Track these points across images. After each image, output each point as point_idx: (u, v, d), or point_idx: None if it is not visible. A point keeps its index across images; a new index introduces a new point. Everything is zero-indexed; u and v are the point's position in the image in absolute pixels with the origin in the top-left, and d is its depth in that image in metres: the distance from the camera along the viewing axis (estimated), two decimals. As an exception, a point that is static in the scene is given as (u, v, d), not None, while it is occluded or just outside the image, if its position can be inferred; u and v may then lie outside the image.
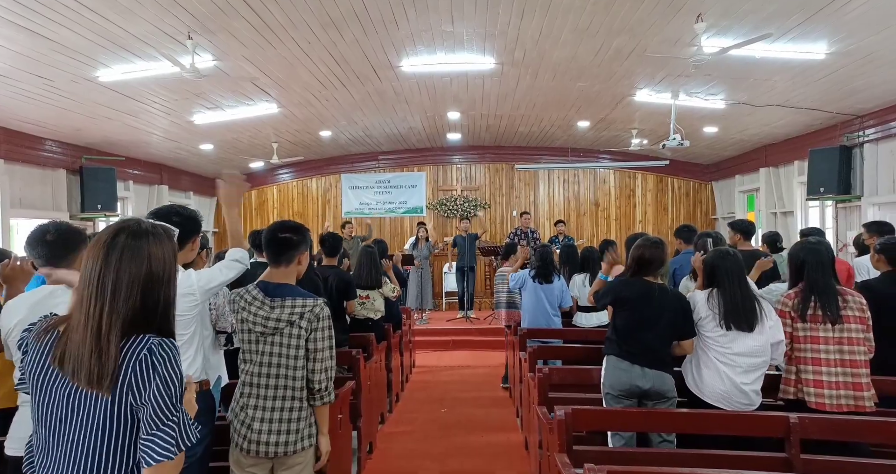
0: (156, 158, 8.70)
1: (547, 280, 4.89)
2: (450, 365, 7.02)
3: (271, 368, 2.13)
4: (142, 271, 1.27)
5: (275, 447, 2.10)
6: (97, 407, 1.25)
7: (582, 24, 4.61)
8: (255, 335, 2.16)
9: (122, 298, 1.25)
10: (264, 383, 2.14)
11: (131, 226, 1.31)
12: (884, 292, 3.02)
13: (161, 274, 1.30)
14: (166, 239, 1.35)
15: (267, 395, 2.13)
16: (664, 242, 2.97)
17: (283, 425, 2.11)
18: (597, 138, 9.35)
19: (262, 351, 2.14)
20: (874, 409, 2.61)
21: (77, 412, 1.26)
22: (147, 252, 1.29)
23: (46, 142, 6.73)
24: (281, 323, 2.12)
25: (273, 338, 2.14)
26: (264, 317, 2.14)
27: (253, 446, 2.12)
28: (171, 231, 1.39)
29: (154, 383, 1.23)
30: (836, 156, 6.51)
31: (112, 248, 1.27)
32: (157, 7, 3.90)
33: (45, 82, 5.01)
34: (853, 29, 4.28)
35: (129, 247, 1.27)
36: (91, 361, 1.22)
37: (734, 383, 2.67)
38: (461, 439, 4.41)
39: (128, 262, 1.26)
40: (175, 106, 6.23)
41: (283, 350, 2.13)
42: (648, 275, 2.89)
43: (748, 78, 5.64)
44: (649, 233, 8.42)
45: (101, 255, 1.27)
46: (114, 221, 1.42)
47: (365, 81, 6.21)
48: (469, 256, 8.34)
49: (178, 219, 2.11)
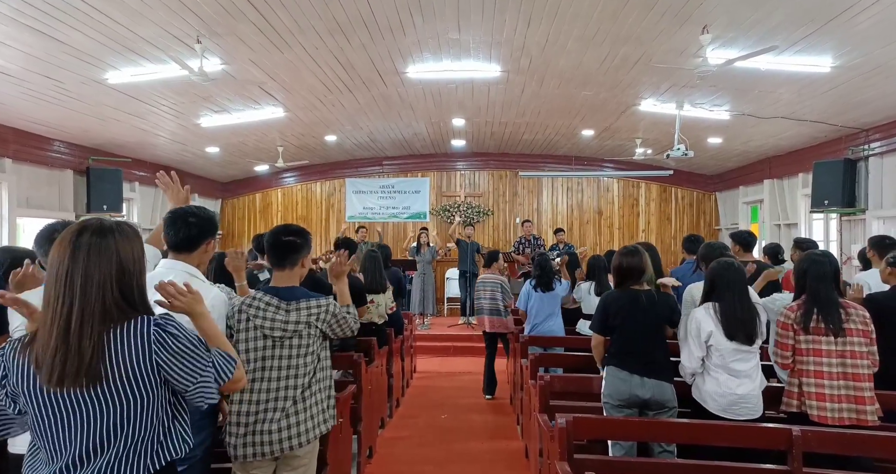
0: (162, 160, 8.75)
1: (548, 287, 4.90)
2: (451, 371, 7.00)
3: (289, 370, 2.16)
4: (112, 267, 1.30)
5: (288, 441, 2.13)
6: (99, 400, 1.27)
7: (588, 32, 4.64)
8: (271, 340, 2.17)
9: (94, 293, 1.27)
10: (275, 387, 2.16)
11: (94, 225, 1.34)
12: (888, 306, 3.01)
13: (132, 268, 1.34)
14: (133, 235, 1.38)
15: (278, 397, 2.15)
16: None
17: (291, 419, 2.14)
18: (601, 147, 9.37)
19: (277, 355, 2.17)
20: (877, 423, 2.60)
21: (81, 410, 1.27)
22: (115, 248, 1.32)
23: (54, 143, 6.78)
24: (300, 325, 2.17)
25: (291, 341, 2.17)
26: (283, 321, 2.17)
27: (259, 448, 2.12)
28: (135, 228, 1.43)
29: (179, 347, 1.34)
30: (840, 169, 6.50)
31: (78, 247, 1.29)
32: (167, 10, 3.94)
33: (54, 83, 5.06)
34: (860, 41, 4.29)
35: (95, 244, 1.30)
36: (55, 359, 1.24)
37: (736, 392, 2.67)
38: (461, 445, 4.39)
39: (96, 259, 1.29)
40: (182, 108, 6.28)
41: (301, 351, 2.18)
42: (634, 284, 2.90)
43: (753, 90, 5.65)
44: (653, 242, 8.43)
45: (68, 254, 1.29)
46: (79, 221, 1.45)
47: (371, 87, 6.25)
48: (471, 262, 8.37)
49: (195, 220, 2.11)
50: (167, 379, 1.35)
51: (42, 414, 1.29)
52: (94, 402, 1.28)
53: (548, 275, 4.91)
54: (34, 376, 1.28)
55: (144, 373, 1.31)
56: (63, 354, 1.24)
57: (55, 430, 1.28)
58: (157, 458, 1.34)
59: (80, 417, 1.27)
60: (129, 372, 1.29)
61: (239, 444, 2.14)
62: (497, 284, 5.69)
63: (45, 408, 1.28)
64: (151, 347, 1.31)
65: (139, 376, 1.31)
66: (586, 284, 4.98)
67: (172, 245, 2.11)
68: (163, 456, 1.36)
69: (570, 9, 4.21)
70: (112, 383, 1.28)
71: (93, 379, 1.26)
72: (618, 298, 2.94)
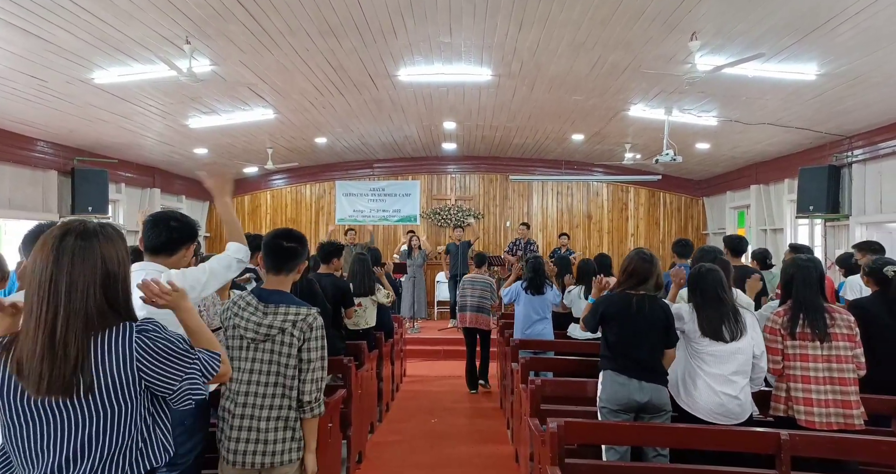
0: (149, 161, 8.64)
1: (538, 291, 4.91)
2: (440, 375, 6.98)
3: (261, 376, 2.09)
4: (97, 271, 1.27)
5: (262, 457, 2.04)
6: (83, 409, 1.24)
7: (579, 38, 4.67)
8: (246, 341, 2.12)
9: (78, 299, 1.24)
10: (252, 391, 2.08)
11: (77, 228, 1.31)
12: (872, 311, 3.06)
13: (117, 272, 1.32)
14: (117, 238, 1.36)
15: (255, 404, 2.07)
16: (656, 260, 2.98)
17: (269, 435, 2.05)
18: (591, 151, 9.43)
19: (252, 358, 2.10)
20: (864, 427, 2.63)
21: (59, 419, 1.24)
22: (99, 252, 1.29)
23: (38, 143, 6.67)
24: (273, 329, 2.09)
25: (264, 345, 2.10)
26: (257, 323, 2.10)
27: (239, 457, 2.07)
28: (120, 230, 1.40)
29: (162, 349, 1.31)
30: (825, 175, 6.61)
31: (62, 251, 1.26)
32: (156, 11, 3.89)
33: (38, 83, 4.97)
34: (843, 51, 4.37)
35: (79, 248, 1.27)
36: (42, 367, 1.21)
37: (721, 395, 2.69)
38: (451, 450, 4.37)
39: (80, 263, 1.26)
40: (170, 109, 6.21)
41: (274, 357, 2.09)
42: (639, 289, 2.91)
43: (740, 96, 5.73)
44: (642, 246, 8.48)
45: (51, 259, 1.26)
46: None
47: (362, 89, 6.23)
48: (462, 264, 8.34)
49: (176, 224, 2.10)
50: (149, 385, 1.32)
51: (16, 421, 1.25)
52: (72, 411, 1.24)
53: (540, 277, 4.92)
54: (13, 383, 1.24)
55: (126, 382, 1.28)
56: (50, 362, 1.21)
57: (29, 439, 1.24)
58: (136, 467, 1.31)
59: (57, 427, 1.24)
60: (110, 380, 1.26)
61: (227, 449, 2.09)
62: (487, 284, 5.78)
63: (20, 416, 1.24)
64: (133, 355, 1.28)
65: (121, 385, 1.28)
66: (577, 289, 5.00)
67: (151, 247, 2.09)
68: (143, 464, 1.33)
69: (561, 14, 4.24)
70: (94, 392, 1.25)
71: (80, 387, 1.23)
72: (613, 301, 2.94)
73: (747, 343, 2.74)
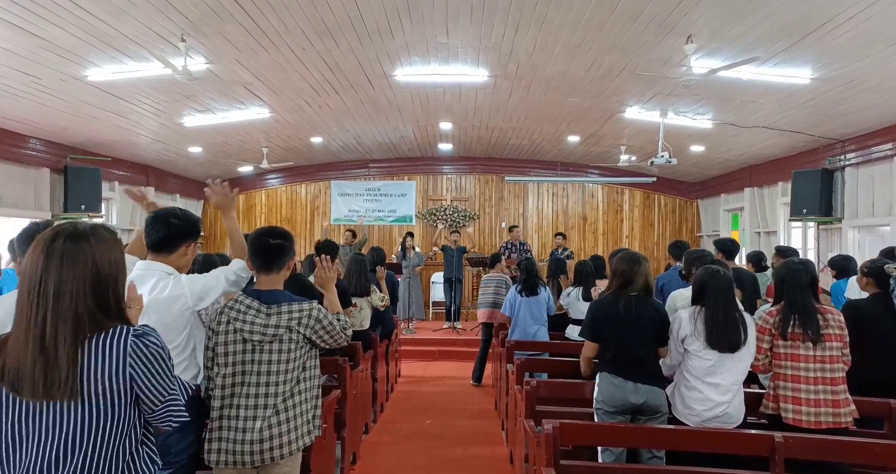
0: (143, 159, 8.59)
1: (533, 292, 4.91)
2: (435, 376, 6.97)
3: (270, 376, 2.09)
4: (87, 273, 1.25)
5: (269, 452, 2.06)
6: (67, 415, 1.22)
7: (575, 40, 4.68)
8: (250, 344, 2.11)
9: (67, 301, 1.22)
10: (254, 392, 2.09)
11: (68, 230, 1.29)
12: (869, 313, 3.09)
13: (108, 274, 1.29)
14: (110, 239, 1.33)
15: (258, 404, 2.08)
16: (640, 259, 2.94)
17: (273, 430, 2.07)
18: (586, 153, 9.46)
19: (257, 360, 2.10)
20: (852, 425, 2.64)
21: (41, 427, 1.21)
22: (90, 254, 1.27)
23: (30, 141, 6.61)
24: (280, 329, 2.10)
25: (271, 345, 2.11)
26: (263, 325, 2.10)
27: (240, 457, 2.06)
28: (114, 231, 1.38)
29: (155, 360, 1.31)
30: (818, 178, 6.66)
31: (51, 254, 1.24)
32: (151, 8, 3.87)
33: (31, 80, 4.93)
34: (837, 55, 4.40)
35: (69, 250, 1.25)
36: (35, 372, 1.19)
37: (715, 403, 2.68)
38: (445, 451, 4.36)
39: (70, 266, 1.24)
40: (165, 107, 6.17)
41: (281, 356, 2.11)
42: (627, 290, 2.90)
43: (735, 99, 5.76)
44: (636, 248, 8.53)
45: (41, 261, 1.24)
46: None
47: (358, 89, 6.22)
48: (457, 268, 8.33)
49: (176, 221, 2.09)
50: (138, 394, 1.30)
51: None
52: (59, 415, 1.22)
53: (534, 279, 4.93)
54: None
55: (117, 387, 1.26)
56: (42, 366, 1.19)
57: (8, 443, 1.22)
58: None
59: (38, 431, 1.21)
60: (101, 385, 1.24)
61: (220, 450, 2.08)
62: (502, 280, 5.91)
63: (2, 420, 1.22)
64: (127, 359, 1.26)
65: (111, 390, 1.25)
66: (574, 290, 5.01)
67: (151, 244, 2.09)
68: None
69: (557, 16, 4.25)
70: (82, 397, 1.23)
71: (72, 392, 1.21)
72: (605, 306, 2.95)
73: (748, 352, 2.73)
